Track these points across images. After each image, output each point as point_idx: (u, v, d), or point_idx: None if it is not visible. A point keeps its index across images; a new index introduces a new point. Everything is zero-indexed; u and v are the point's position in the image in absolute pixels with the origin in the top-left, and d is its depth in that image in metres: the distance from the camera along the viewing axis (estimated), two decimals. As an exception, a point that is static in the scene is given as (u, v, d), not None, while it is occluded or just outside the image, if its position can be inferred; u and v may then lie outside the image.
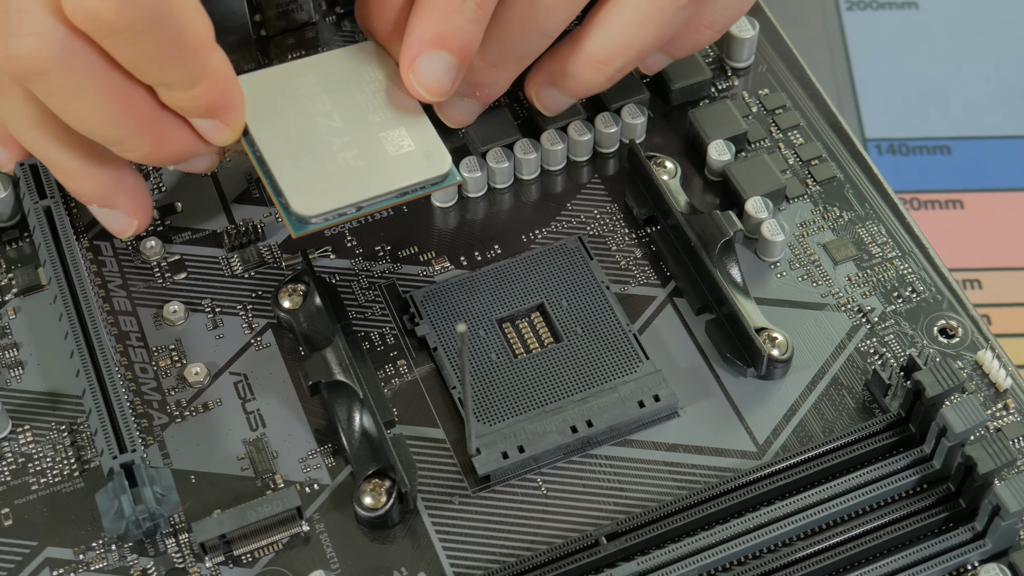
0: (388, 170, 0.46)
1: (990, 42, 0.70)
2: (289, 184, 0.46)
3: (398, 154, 0.47)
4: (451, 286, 0.50)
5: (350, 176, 0.46)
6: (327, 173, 0.46)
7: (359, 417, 0.46)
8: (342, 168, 0.46)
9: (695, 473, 0.46)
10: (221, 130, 0.46)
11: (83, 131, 0.44)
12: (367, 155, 0.47)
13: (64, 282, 0.48)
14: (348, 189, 0.46)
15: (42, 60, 0.42)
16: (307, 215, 0.45)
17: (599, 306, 0.49)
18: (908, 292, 0.50)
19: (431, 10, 0.46)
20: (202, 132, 0.46)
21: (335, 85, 0.48)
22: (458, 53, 0.46)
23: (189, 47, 0.43)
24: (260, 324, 0.50)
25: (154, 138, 0.45)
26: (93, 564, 0.45)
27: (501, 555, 0.45)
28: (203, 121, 0.45)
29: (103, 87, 0.43)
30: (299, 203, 0.46)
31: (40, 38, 0.41)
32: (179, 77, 0.43)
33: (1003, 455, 0.43)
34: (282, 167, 0.46)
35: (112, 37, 0.42)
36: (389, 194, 0.46)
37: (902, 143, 0.67)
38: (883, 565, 0.43)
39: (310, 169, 0.46)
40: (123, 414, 0.45)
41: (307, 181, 0.46)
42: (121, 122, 0.44)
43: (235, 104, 0.46)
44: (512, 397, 0.47)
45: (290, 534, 0.45)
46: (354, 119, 0.47)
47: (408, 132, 0.47)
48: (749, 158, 0.52)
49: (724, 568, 0.44)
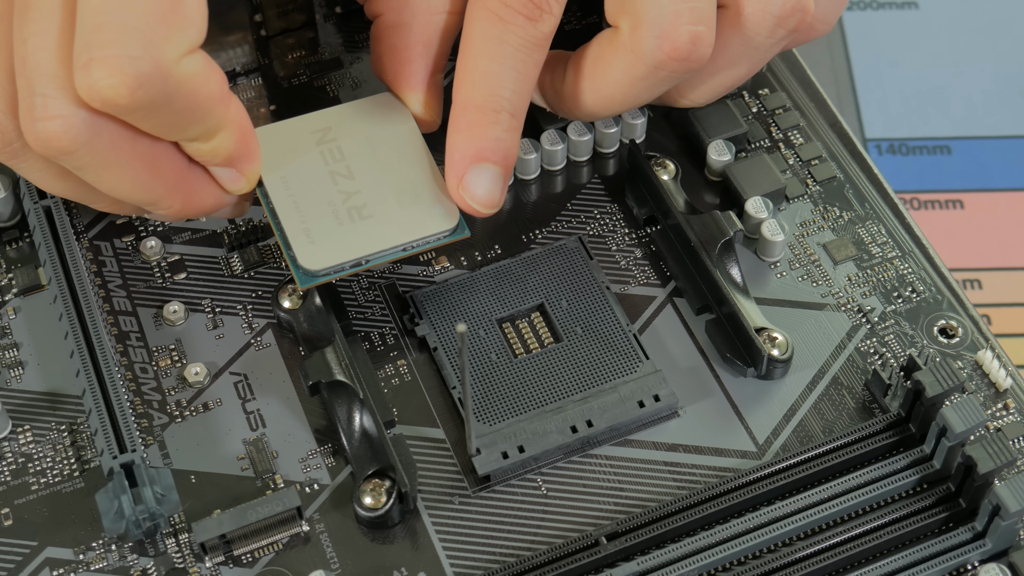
0: (397, 224, 0.47)
1: (990, 42, 0.70)
2: (297, 238, 0.47)
3: (408, 208, 0.47)
4: (451, 286, 0.50)
5: (358, 231, 0.47)
6: (335, 227, 0.47)
7: (359, 417, 0.46)
8: (351, 222, 0.47)
9: (695, 473, 0.46)
10: (237, 179, 0.46)
11: (115, 196, 0.45)
12: (377, 209, 0.47)
13: (64, 282, 0.48)
14: (355, 244, 0.47)
15: (68, 141, 0.42)
16: (313, 270, 0.46)
17: (599, 306, 0.49)
18: (908, 292, 0.50)
19: (468, 127, 0.47)
20: (221, 181, 0.46)
21: (350, 137, 0.48)
22: (502, 163, 0.47)
23: (204, 108, 0.43)
24: (260, 324, 0.50)
25: (184, 196, 0.46)
26: (93, 564, 0.45)
27: (501, 555, 0.45)
28: (221, 170, 0.46)
29: (130, 157, 0.44)
30: (306, 258, 0.46)
31: (64, 120, 0.42)
32: (199, 132, 0.44)
33: (1003, 455, 0.43)
34: (291, 221, 0.47)
35: (130, 116, 0.42)
36: (395, 248, 0.47)
37: (902, 143, 0.67)
38: (883, 565, 0.43)
39: (319, 223, 0.47)
40: (123, 414, 0.45)
41: (315, 236, 0.47)
42: (151, 187, 0.45)
43: (252, 153, 0.46)
44: (512, 397, 0.47)
45: (290, 534, 0.45)
46: (366, 172, 0.48)
47: (419, 185, 0.48)
48: (749, 158, 0.52)
49: (724, 568, 0.44)
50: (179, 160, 0.45)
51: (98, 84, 0.41)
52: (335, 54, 0.57)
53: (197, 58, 0.42)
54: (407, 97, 0.49)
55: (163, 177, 0.45)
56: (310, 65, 0.56)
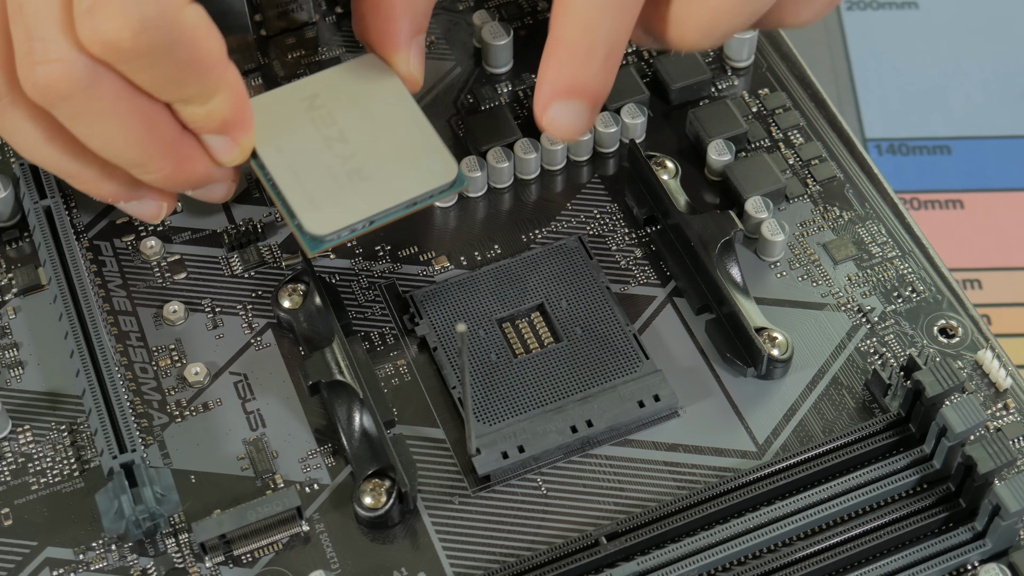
0: (397, 182, 0.47)
1: (990, 42, 0.70)
2: (300, 205, 0.46)
3: (406, 165, 0.47)
4: (451, 286, 0.50)
5: (360, 191, 0.47)
6: (337, 190, 0.47)
7: (359, 417, 0.46)
8: (352, 184, 0.47)
9: (695, 473, 0.46)
10: (231, 148, 0.46)
11: (106, 154, 0.45)
12: (375, 169, 0.47)
13: (64, 282, 0.48)
14: (359, 205, 0.46)
15: (68, 85, 0.42)
16: (320, 234, 0.46)
17: (599, 306, 0.49)
18: (908, 292, 0.50)
19: (559, 64, 0.46)
20: (213, 151, 0.46)
21: (338, 102, 0.48)
22: (591, 100, 0.46)
23: (205, 64, 0.43)
24: (260, 324, 0.50)
25: (175, 160, 0.45)
26: (93, 564, 0.45)
27: (501, 555, 0.45)
28: (215, 138, 0.45)
29: (127, 109, 0.43)
30: (311, 223, 0.46)
31: (64, 64, 0.42)
32: (196, 92, 0.44)
33: (1003, 455, 0.43)
34: (292, 188, 0.47)
35: (130, 63, 0.42)
36: (400, 205, 0.47)
37: (902, 143, 0.67)
38: (883, 565, 0.43)
39: (320, 188, 0.47)
40: (123, 414, 0.45)
41: (318, 200, 0.46)
42: (144, 143, 0.44)
43: (247, 121, 0.46)
44: (512, 397, 0.47)
45: (290, 534, 0.45)
46: (360, 134, 0.48)
47: (414, 142, 0.48)
48: (749, 158, 0.52)
49: (724, 568, 0.44)
50: (173, 124, 0.45)
51: (101, 27, 0.40)
52: (335, 54, 0.57)
53: (200, 10, 0.42)
54: (392, 57, 0.48)
55: (157, 135, 0.44)
56: (310, 65, 0.56)
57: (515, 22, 0.57)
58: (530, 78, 0.56)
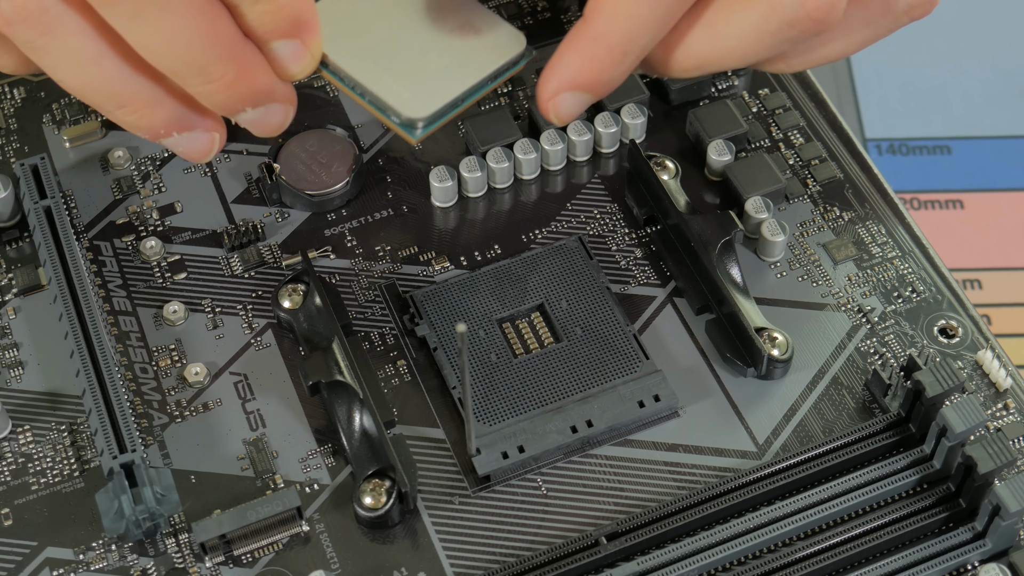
0: (474, 61, 0.47)
1: (990, 41, 0.70)
2: (393, 96, 0.46)
3: (476, 44, 0.47)
4: (451, 286, 0.50)
5: (442, 74, 0.47)
6: (421, 77, 0.47)
7: (359, 417, 0.47)
8: (431, 69, 0.47)
9: (695, 473, 0.46)
10: (301, 54, 0.44)
11: (165, 58, 0.42)
12: (449, 54, 0.47)
13: (64, 282, 0.48)
14: (447, 86, 0.46)
15: None
16: (422, 116, 0.46)
17: (599, 306, 0.49)
18: (908, 292, 0.50)
19: (591, 60, 0.45)
20: (282, 60, 0.44)
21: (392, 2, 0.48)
22: (600, 95, 0.46)
23: None
24: (260, 324, 0.50)
25: (239, 65, 0.43)
26: (93, 564, 0.45)
27: (501, 555, 0.45)
28: (283, 44, 0.44)
29: (192, 4, 0.41)
30: (410, 109, 0.46)
31: None
32: None
33: (1003, 455, 0.43)
34: (378, 83, 0.46)
35: None
36: (483, 80, 0.47)
37: (902, 143, 0.67)
38: (883, 565, 0.43)
39: (403, 78, 0.47)
40: (123, 414, 0.45)
41: (406, 88, 0.46)
42: (208, 42, 0.42)
43: (315, 22, 0.44)
44: (512, 397, 0.47)
45: (290, 534, 0.45)
46: (422, 27, 0.48)
47: (476, 22, 0.48)
48: (749, 158, 0.52)
49: (724, 568, 0.44)
50: (235, 28, 0.43)
51: None
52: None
53: None
54: None
55: (220, 35, 0.42)
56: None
57: (515, 22, 0.57)
58: (530, 78, 0.56)
